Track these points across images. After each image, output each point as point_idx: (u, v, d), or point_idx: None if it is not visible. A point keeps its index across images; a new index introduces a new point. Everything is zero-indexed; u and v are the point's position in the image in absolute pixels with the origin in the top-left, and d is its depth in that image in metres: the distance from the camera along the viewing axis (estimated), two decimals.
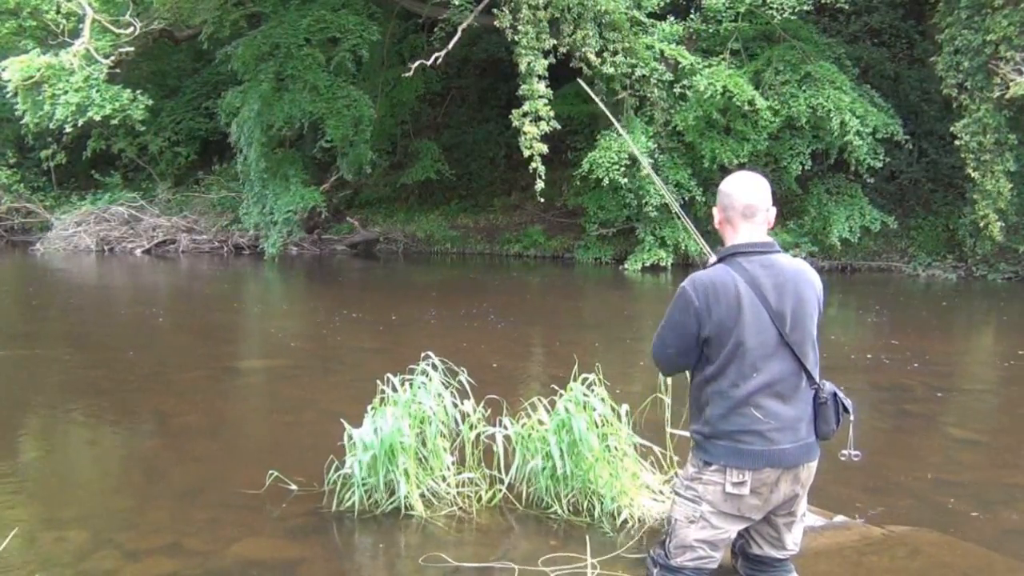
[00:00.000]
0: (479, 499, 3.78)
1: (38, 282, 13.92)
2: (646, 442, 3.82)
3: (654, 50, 13.91)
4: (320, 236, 17.98)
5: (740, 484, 2.51)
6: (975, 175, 13.04)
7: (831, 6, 14.22)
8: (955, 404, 6.52)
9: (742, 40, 14.70)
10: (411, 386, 3.92)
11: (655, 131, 14.27)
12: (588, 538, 3.28)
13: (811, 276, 2.61)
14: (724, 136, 14.33)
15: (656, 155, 14.12)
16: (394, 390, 3.91)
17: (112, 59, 13.10)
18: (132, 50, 14.03)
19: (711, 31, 14.50)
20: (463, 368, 4.10)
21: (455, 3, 13.44)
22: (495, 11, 13.06)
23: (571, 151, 16.42)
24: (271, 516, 3.77)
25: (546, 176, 12.76)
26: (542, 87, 12.72)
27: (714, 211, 2.71)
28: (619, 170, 13.50)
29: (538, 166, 12.54)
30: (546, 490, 3.72)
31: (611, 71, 13.43)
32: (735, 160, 13.80)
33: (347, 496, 3.74)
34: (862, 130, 13.47)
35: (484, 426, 3.90)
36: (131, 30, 13.40)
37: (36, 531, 3.62)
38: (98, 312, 10.84)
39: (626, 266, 14.74)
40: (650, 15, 14.17)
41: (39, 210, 19.37)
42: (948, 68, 13.19)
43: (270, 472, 4.03)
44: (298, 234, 16.96)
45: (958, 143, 13.29)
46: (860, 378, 6.83)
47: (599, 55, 13.27)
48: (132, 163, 20.17)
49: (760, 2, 13.66)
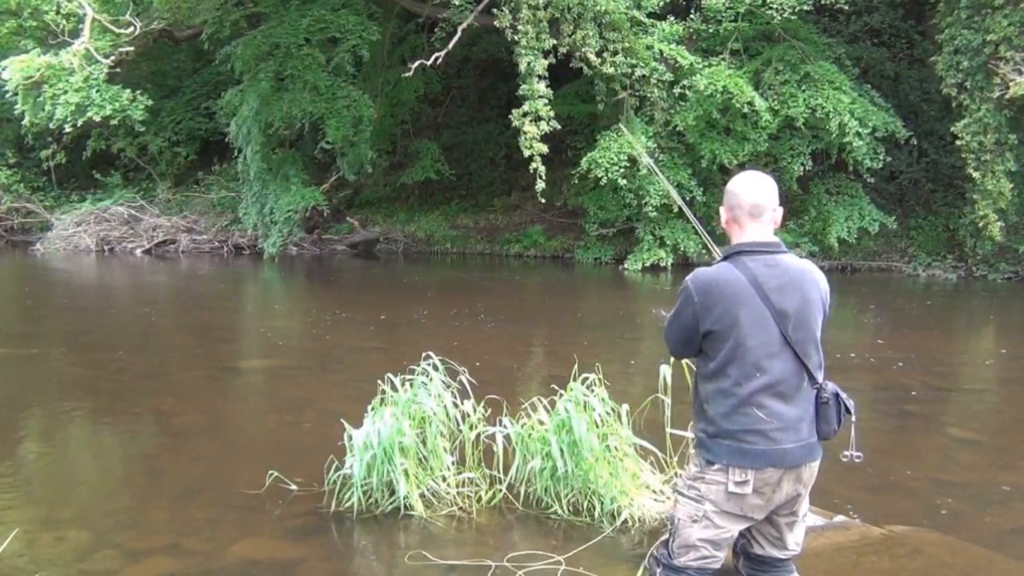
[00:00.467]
0: (479, 499, 3.78)
1: (38, 282, 13.91)
2: (646, 442, 3.82)
3: (654, 50, 13.91)
4: (320, 236, 17.98)
5: (743, 483, 2.51)
6: (975, 175, 13.04)
7: (831, 6, 14.22)
8: (955, 404, 6.52)
9: (742, 40, 14.70)
10: (411, 386, 3.92)
11: (655, 131, 14.28)
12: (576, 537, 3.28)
13: (816, 276, 2.61)
14: (724, 136, 14.34)
15: (656, 155, 14.12)
16: (394, 390, 3.91)
17: (112, 59, 13.11)
18: (132, 50, 14.05)
19: (711, 31, 14.50)
20: (463, 368, 4.10)
21: (455, 3, 13.44)
22: (495, 11, 13.06)
23: (571, 151, 16.42)
24: (271, 516, 3.77)
25: (546, 176, 12.77)
26: (542, 87, 12.72)
27: (721, 210, 2.72)
28: (618, 170, 13.50)
29: (538, 166, 12.54)
30: (546, 490, 3.72)
31: (611, 71, 13.43)
32: (735, 160, 13.81)
33: (347, 496, 3.74)
34: (861, 131, 13.47)
35: (484, 426, 3.91)
36: (131, 30, 13.41)
37: (36, 531, 3.62)
38: (98, 312, 10.84)
39: (626, 266, 14.74)
40: (650, 15, 14.17)
41: (39, 210, 19.37)
42: (948, 68, 13.19)
43: (270, 472, 4.03)
44: (298, 234, 16.96)
45: (958, 143, 13.29)
46: (860, 378, 6.83)
47: (599, 55, 13.27)
48: (132, 163, 20.16)
49: (760, 2, 13.67)
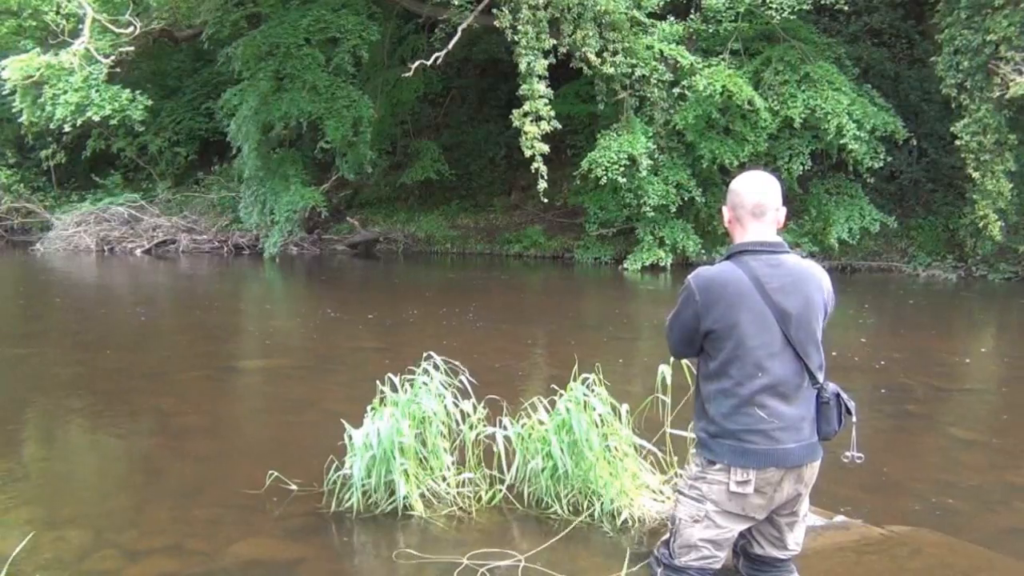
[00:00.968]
0: (479, 499, 3.78)
1: (38, 282, 13.91)
2: (646, 442, 3.82)
3: (654, 50, 13.91)
4: (320, 236, 17.99)
5: (744, 483, 2.51)
6: (975, 175, 13.04)
7: (831, 6, 14.22)
8: (955, 404, 6.52)
9: (742, 40, 14.70)
10: (411, 386, 3.92)
11: (655, 131, 14.28)
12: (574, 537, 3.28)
13: (819, 277, 2.61)
14: (724, 136, 14.34)
15: (656, 155, 14.12)
16: (394, 390, 3.91)
17: (112, 59, 13.11)
18: (132, 50, 14.05)
19: (711, 31, 14.50)
20: (464, 368, 4.10)
21: (455, 3, 13.43)
22: (495, 11, 13.05)
23: (571, 151, 16.41)
24: (271, 516, 3.77)
25: (546, 176, 12.77)
26: (542, 87, 12.71)
27: (724, 210, 2.72)
28: (618, 170, 13.51)
29: (540, 166, 12.55)
30: (546, 490, 3.72)
31: (611, 71, 13.43)
32: (735, 160, 13.81)
33: (347, 496, 3.74)
34: (859, 134, 13.47)
35: (484, 426, 3.90)
36: (131, 30, 13.41)
37: (36, 531, 3.62)
38: (98, 312, 10.84)
39: (625, 266, 14.74)
40: (650, 15, 14.16)
41: (39, 210, 19.37)
42: (948, 68, 13.19)
43: (270, 472, 4.02)
44: (298, 234, 16.97)
45: (958, 143, 13.29)
46: (860, 378, 6.83)
47: (599, 55, 13.27)
48: (132, 163, 20.17)
49: (760, 2, 13.67)
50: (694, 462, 2.70)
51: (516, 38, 12.73)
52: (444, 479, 3.81)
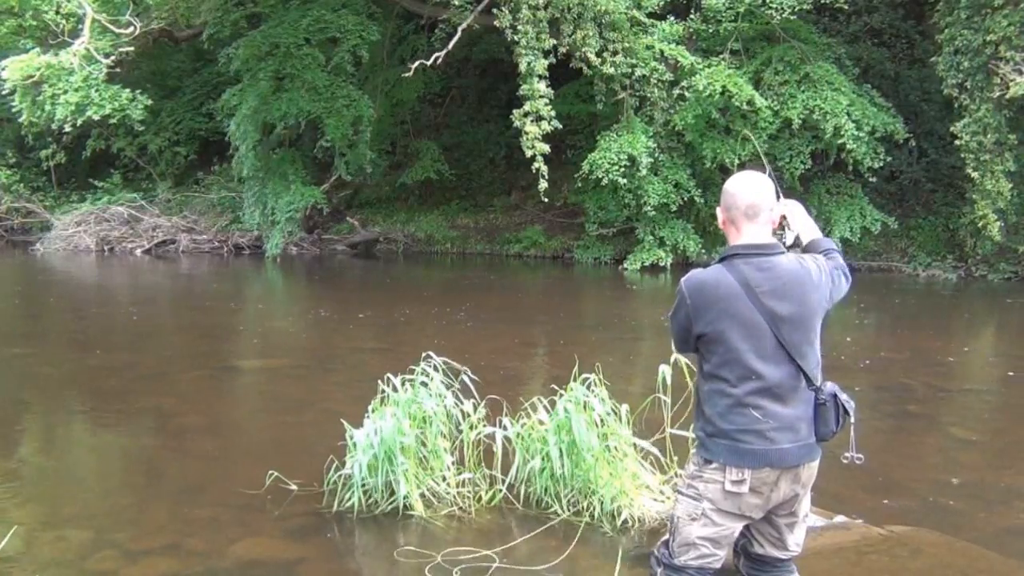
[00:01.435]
0: (479, 499, 3.79)
1: (37, 282, 13.91)
2: (645, 442, 3.82)
3: (654, 50, 13.91)
4: (320, 236, 17.98)
5: (739, 483, 2.51)
6: (975, 175, 13.04)
7: (831, 6, 14.21)
8: (955, 404, 6.52)
9: (742, 40, 14.70)
10: (412, 386, 3.93)
11: (655, 131, 14.28)
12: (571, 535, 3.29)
13: (814, 277, 2.59)
14: (724, 136, 14.34)
15: (656, 155, 14.12)
16: (394, 390, 3.91)
17: (112, 59, 13.11)
18: (132, 50, 14.05)
19: (711, 31, 14.50)
20: (464, 368, 4.10)
21: (455, 3, 13.43)
22: (495, 11, 13.05)
23: (571, 151, 16.40)
24: (271, 516, 3.77)
25: (547, 176, 12.77)
26: (542, 87, 12.71)
27: (718, 211, 2.72)
28: (618, 170, 13.51)
29: (541, 166, 12.54)
30: (546, 490, 3.73)
31: (611, 71, 13.43)
32: (736, 160, 13.81)
33: (347, 496, 3.74)
34: (857, 134, 13.47)
35: (484, 426, 3.91)
36: (131, 30, 13.41)
37: (36, 531, 3.62)
38: (98, 312, 10.84)
39: (625, 266, 14.74)
40: (650, 15, 14.16)
41: (39, 210, 19.36)
42: (948, 68, 13.19)
43: (270, 472, 4.03)
44: (298, 234, 16.96)
45: (958, 143, 13.28)
46: (860, 378, 6.83)
47: (599, 55, 13.27)
48: (132, 163, 20.16)
49: (760, 2, 13.66)
50: (692, 461, 2.71)
51: (516, 38, 12.74)
52: (444, 479, 3.81)
